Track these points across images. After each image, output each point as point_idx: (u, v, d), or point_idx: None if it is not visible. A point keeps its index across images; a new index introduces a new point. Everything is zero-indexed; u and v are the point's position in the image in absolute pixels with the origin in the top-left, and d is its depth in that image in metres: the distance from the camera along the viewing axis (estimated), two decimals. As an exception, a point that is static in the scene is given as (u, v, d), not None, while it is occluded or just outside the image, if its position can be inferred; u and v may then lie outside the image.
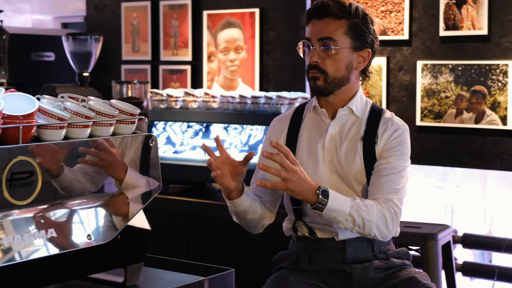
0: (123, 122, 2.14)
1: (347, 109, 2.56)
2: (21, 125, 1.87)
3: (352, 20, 2.51)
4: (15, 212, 1.87)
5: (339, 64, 2.50)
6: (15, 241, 1.86)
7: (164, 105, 3.83)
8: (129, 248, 2.16)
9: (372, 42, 2.56)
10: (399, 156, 2.50)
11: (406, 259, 2.57)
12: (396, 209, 2.43)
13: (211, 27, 5.22)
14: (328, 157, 2.53)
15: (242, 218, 2.53)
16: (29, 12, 6.66)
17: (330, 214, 2.36)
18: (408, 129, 2.59)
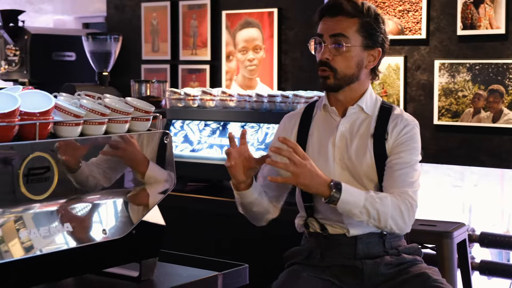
0: (138, 119, 2.17)
1: (357, 107, 2.58)
2: (37, 122, 1.91)
3: (364, 19, 2.53)
4: (31, 206, 1.92)
5: (349, 62, 2.53)
6: (31, 235, 1.90)
7: (182, 104, 3.87)
8: (144, 243, 2.20)
9: (383, 42, 2.58)
10: (410, 151, 2.52)
11: (417, 255, 2.59)
12: (411, 201, 2.45)
13: (229, 26, 5.25)
14: (338, 155, 2.55)
15: (248, 210, 2.57)
16: (51, 13, 6.73)
17: (344, 207, 2.38)
18: (418, 125, 2.61)
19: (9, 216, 1.88)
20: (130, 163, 2.17)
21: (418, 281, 2.43)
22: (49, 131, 1.97)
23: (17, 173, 1.87)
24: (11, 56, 5.62)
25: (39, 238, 1.91)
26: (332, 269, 2.51)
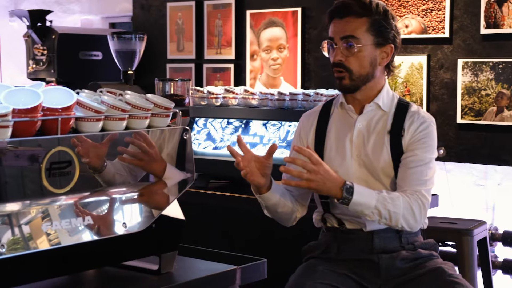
0: (158, 115, 2.22)
1: (374, 104, 2.61)
2: (59, 117, 1.96)
3: (373, 17, 2.55)
4: (53, 199, 1.97)
5: (362, 61, 2.55)
6: (53, 227, 1.95)
7: (205, 102, 3.91)
8: (164, 237, 2.24)
9: (394, 38, 2.60)
10: (425, 148, 2.53)
11: (433, 250, 2.61)
12: (423, 200, 2.47)
13: (254, 26, 5.29)
14: (356, 151, 2.58)
15: (273, 211, 2.60)
16: (78, 13, 6.82)
17: (356, 208, 2.42)
18: (435, 122, 2.62)
19: (32, 209, 1.94)
20: (147, 168, 2.22)
21: (434, 275, 2.46)
22: (70, 126, 2.02)
23: (39, 167, 1.92)
24: (38, 55, 5.70)
25: (60, 230, 1.96)
26: (349, 263, 2.54)
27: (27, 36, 5.81)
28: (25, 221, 1.92)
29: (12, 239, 1.88)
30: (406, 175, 2.50)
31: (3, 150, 1.86)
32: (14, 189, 1.91)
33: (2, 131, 1.86)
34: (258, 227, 3.62)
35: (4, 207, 1.88)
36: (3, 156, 1.86)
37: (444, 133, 4.50)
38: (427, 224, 2.65)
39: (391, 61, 2.62)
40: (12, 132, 1.88)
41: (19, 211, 1.90)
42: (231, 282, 2.31)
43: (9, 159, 1.88)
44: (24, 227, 1.91)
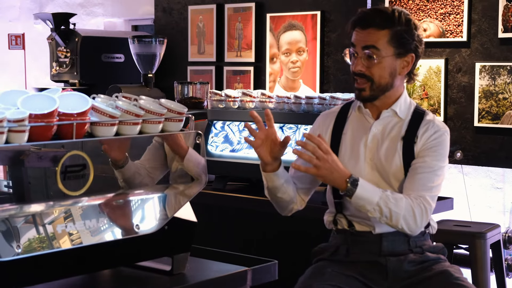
0: (171, 120, 2.27)
1: (391, 111, 2.64)
2: (75, 122, 2.03)
3: (395, 28, 2.57)
4: (68, 202, 2.03)
5: (383, 72, 2.58)
6: (68, 228, 2.02)
7: (223, 105, 3.97)
8: (176, 239, 2.30)
9: (416, 47, 2.61)
10: (436, 156, 2.57)
11: (441, 254, 2.64)
12: (426, 206, 2.51)
13: (273, 29, 5.34)
14: (369, 155, 2.63)
15: (273, 195, 2.64)
16: (101, 15, 6.91)
17: (358, 202, 2.48)
18: (449, 132, 2.65)
19: (47, 211, 2.00)
20: (174, 146, 2.31)
21: (440, 278, 2.49)
22: (85, 131, 2.08)
23: (55, 171, 1.99)
24: (62, 57, 5.79)
25: (75, 232, 2.03)
26: (357, 265, 2.59)
27: (50, 38, 5.91)
28: (41, 223, 1.99)
29: (28, 240, 1.94)
30: (413, 180, 2.54)
31: (21, 154, 1.92)
32: (30, 192, 1.98)
33: (19, 135, 1.92)
34: (275, 229, 3.67)
35: (21, 208, 1.95)
36: (21, 160, 1.93)
37: (461, 137, 4.52)
38: (436, 228, 2.69)
39: (412, 69, 2.65)
40: (28, 137, 1.94)
41: (35, 213, 1.97)
42: (242, 283, 2.36)
43: (26, 162, 1.95)
44: (40, 229, 1.98)
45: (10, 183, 2.04)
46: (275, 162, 2.57)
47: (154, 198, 2.25)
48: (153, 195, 2.26)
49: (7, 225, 1.90)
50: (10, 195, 2.04)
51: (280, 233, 3.60)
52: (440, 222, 3.82)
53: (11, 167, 2.03)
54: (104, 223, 2.11)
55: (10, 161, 2.00)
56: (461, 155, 4.51)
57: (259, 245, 3.77)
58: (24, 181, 2.02)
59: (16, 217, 1.93)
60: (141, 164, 2.38)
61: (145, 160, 2.30)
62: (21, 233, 1.92)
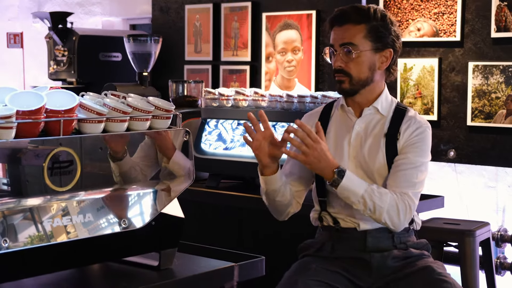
0: (159, 117, 2.30)
1: (372, 108, 2.68)
2: (62, 119, 2.06)
3: (371, 23, 2.62)
4: (55, 197, 2.06)
5: (361, 66, 2.62)
6: (55, 224, 2.05)
7: (216, 104, 3.99)
8: (163, 234, 2.33)
9: (394, 42, 2.66)
10: (418, 152, 2.60)
11: (425, 250, 2.68)
12: (410, 202, 2.55)
13: (269, 28, 5.37)
14: (353, 153, 2.66)
15: (271, 199, 2.67)
16: (99, 14, 6.94)
17: (343, 193, 2.52)
18: (430, 128, 2.69)
19: (34, 206, 2.03)
20: (161, 146, 2.33)
21: (423, 273, 2.53)
22: (73, 127, 2.11)
23: (42, 166, 2.02)
24: (59, 56, 5.83)
25: (63, 227, 2.06)
26: (342, 261, 2.62)
27: (48, 37, 5.95)
28: (28, 217, 2.02)
29: (15, 235, 1.97)
30: (396, 176, 2.58)
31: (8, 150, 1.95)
32: (17, 187, 2.01)
33: (6, 132, 1.96)
34: (267, 226, 3.70)
35: (8, 203, 1.98)
36: (8, 156, 1.96)
37: (455, 135, 4.55)
38: (420, 224, 2.72)
39: (391, 64, 2.69)
40: (16, 133, 1.98)
41: (22, 208, 2.00)
42: (229, 278, 2.39)
43: (13, 159, 1.98)
44: (27, 223, 2.02)
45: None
46: (274, 164, 2.60)
47: (141, 194, 2.28)
48: (140, 191, 2.29)
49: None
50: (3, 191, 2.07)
51: (273, 230, 3.63)
52: (431, 220, 3.85)
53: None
54: (91, 218, 2.14)
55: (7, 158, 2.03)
56: (454, 154, 4.54)
57: (252, 242, 3.81)
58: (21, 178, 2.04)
59: (2, 212, 1.96)
60: (135, 161, 2.41)
61: (138, 158, 2.34)
62: (8, 228, 1.96)
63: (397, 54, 2.68)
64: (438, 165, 4.77)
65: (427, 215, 4.00)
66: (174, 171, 2.36)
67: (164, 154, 2.35)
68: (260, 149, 2.56)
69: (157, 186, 2.32)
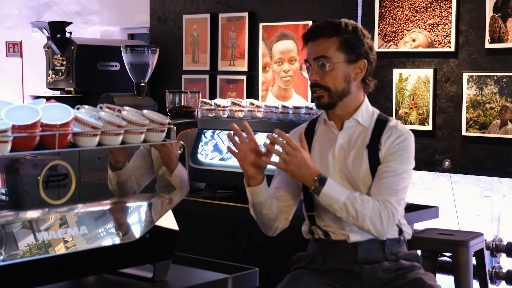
0: (153, 130, 2.33)
1: (353, 120, 2.72)
2: (57, 133, 2.09)
3: (342, 36, 2.67)
4: (50, 210, 2.09)
5: (336, 78, 2.67)
6: (49, 236, 2.08)
7: (213, 114, 4.03)
8: (157, 246, 2.36)
9: (367, 53, 2.71)
10: (400, 160, 2.64)
11: (416, 261, 2.71)
12: (393, 210, 2.58)
13: (266, 38, 5.41)
14: (338, 165, 2.70)
15: (258, 212, 2.70)
16: (98, 24, 6.98)
17: (325, 200, 2.56)
18: (413, 136, 2.72)
19: (30, 220, 2.06)
20: (166, 159, 2.37)
21: (414, 285, 2.56)
22: (68, 141, 2.14)
23: (37, 180, 2.05)
24: (58, 66, 5.86)
25: (57, 239, 2.09)
26: (333, 274, 2.65)
27: (47, 47, 5.98)
28: (24, 230, 2.05)
29: (10, 248, 2.00)
30: (378, 185, 2.61)
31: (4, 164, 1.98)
32: (13, 200, 2.04)
33: (2, 146, 1.98)
34: (262, 237, 3.72)
35: (3, 216, 2.01)
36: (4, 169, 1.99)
37: (450, 146, 4.58)
38: (410, 234, 2.75)
39: (367, 75, 2.73)
40: (12, 147, 2.01)
41: (17, 221, 2.03)
42: (223, 290, 2.42)
43: (9, 172, 2.01)
44: (22, 236, 2.04)
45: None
46: (259, 175, 2.64)
47: (136, 206, 2.31)
48: (135, 203, 2.32)
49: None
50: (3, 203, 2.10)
51: (268, 241, 3.65)
52: (425, 230, 3.88)
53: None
54: (86, 231, 2.16)
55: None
56: (450, 164, 4.57)
57: (246, 253, 3.83)
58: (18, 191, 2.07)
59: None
60: (131, 170, 2.44)
61: (133, 167, 2.36)
62: (3, 240, 1.98)
63: (372, 66, 2.73)
64: (433, 175, 4.81)
65: (422, 226, 4.03)
66: (175, 183, 2.39)
67: (167, 167, 2.39)
68: (245, 159, 2.60)
69: (152, 199, 2.35)
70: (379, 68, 4.82)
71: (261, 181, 2.64)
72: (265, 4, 5.44)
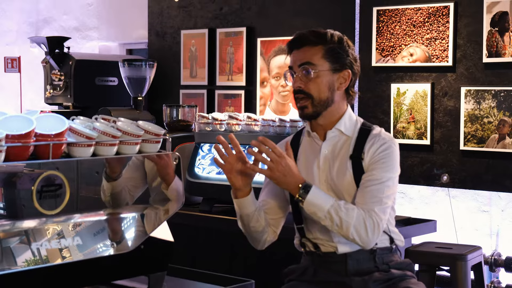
0: (148, 141, 2.32)
1: (336, 130, 2.71)
2: (51, 143, 2.08)
3: (328, 45, 2.65)
4: (44, 220, 2.08)
5: (320, 86, 2.65)
6: (43, 247, 2.06)
7: (210, 128, 4.02)
8: (152, 258, 2.35)
9: (352, 64, 2.70)
10: (384, 168, 2.62)
11: (408, 270, 2.69)
12: (377, 219, 2.56)
13: (264, 53, 5.41)
14: (323, 176, 2.69)
15: (246, 225, 2.69)
16: (96, 39, 6.99)
17: (309, 208, 2.54)
18: (396, 143, 2.70)
19: (24, 230, 2.05)
20: (163, 173, 2.37)
21: None
22: (62, 151, 2.13)
23: (31, 190, 2.04)
24: (56, 80, 5.86)
25: (50, 250, 2.07)
26: (324, 285, 2.64)
27: (45, 62, 5.98)
28: (17, 241, 2.03)
29: (4, 258, 1.99)
30: (362, 193, 2.60)
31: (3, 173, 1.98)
32: (12, 209, 2.03)
33: (-4, 155, 1.98)
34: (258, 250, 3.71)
35: (2, 226, 2.00)
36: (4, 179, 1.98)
37: (448, 160, 4.58)
38: (403, 241, 2.73)
39: (350, 86, 2.72)
40: (5, 157, 2.00)
41: (9, 232, 2.02)
42: (218, 302, 2.41)
43: (8, 181, 2.00)
44: (16, 247, 2.03)
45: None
46: (245, 187, 2.62)
47: (130, 217, 2.30)
48: (130, 214, 2.31)
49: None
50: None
51: (264, 254, 3.64)
52: (423, 244, 3.86)
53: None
54: (81, 241, 2.15)
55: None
56: (448, 178, 4.56)
57: (243, 265, 3.81)
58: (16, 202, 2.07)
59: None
60: (124, 183, 2.43)
61: (126, 178, 2.35)
62: None
63: (356, 77, 2.72)
64: (431, 190, 4.80)
65: (420, 239, 4.02)
66: (171, 196, 2.38)
67: (164, 180, 2.38)
68: (232, 172, 2.59)
69: (147, 210, 2.34)
70: (377, 83, 4.82)
71: (247, 192, 2.63)
72: (263, 19, 5.45)
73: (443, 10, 4.58)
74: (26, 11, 7.56)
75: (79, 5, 7.12)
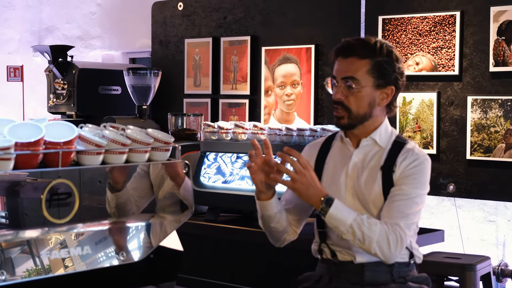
0: (158, 149, 2.30)
1: (370, 140, 2.67)
2: (60, 151, 2.06)
3: (375, 59, 2.60)
4: (53, 229, 2.05)
5: (361, 101, 2.61)
6: (52, 256, 2.03)
7: (216, 137, 4.00)
8: (162, 267, 2.32)
9: (397, 80, 2.64)
10: (414, 184, 2.59)
11: (425, 284, 2.66)
12: (401, 233, 2.53)
13: (268, 62, 5.39)
14: (350, 183, 2.66)
15: (267, 225, 2.67)
16: (99, 48, 6.97)
17: (331, 222, 2.51)
18: (429, 160, 2.67)
19: (32, 239, 2.02)
20: (173, 173, 2.35)
21: None
22: (72, 159, 2.11)
23: (40, 198, 2.01)
24: (59, 89, 5.84)
25: (59, 259, 2.05)
26: (339, 294, 2.61)
27: (48, 70, 5.96)
28: (25, 250, 2.00)
29: (13, 267, 1.96)
30: (389, 207, 2.57)
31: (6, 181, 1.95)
32: (15, 218, 2.00)
33: (5, 163, 1.95)
34: (266, 260, 3.69)
35: (6, 235, 1.97)
36: (6, 188, 1.96)
37: (454, 169, 4.55)
38: (421, 258, 2.70)
39: (392, 101, 2.67)
40: (14, 165, 1.97)
41: (19, 241, 1.99)
42: (227, 312, 2.38)
43: (11, 190, 1.98)
44: (24, 256, 2.00)
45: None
46: (269, 191, 2.60)
47: (139, 226, 2.27)
48: (139, 223, 2.28)
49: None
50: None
51: (271, 264, 3.61)
52: (431, 254, 3.83)
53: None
54: (89, 251, 2.12)
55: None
56: (454, 188, 4.53)
57: (249, 275, 3.78)
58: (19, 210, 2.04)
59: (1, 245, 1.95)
60: (130, 193, 2.41)
61: (131, 189, 2.33)
62: (5, 260, 1.94)
63: (399, 91, 2.67)
64: (437, 199, 4.76)
65: (427, 249, 3.99)
66: (184, 198, 2.36)
67: (175, 181, 2.37)
68: (257, 173, 2.56)
69: (156, 219, 2.32)
70: (383, 92, 4.79)
71: (271, 196, 2.61)
72: (268, 28, 5.43)
73: (449, 19, 4.56)
74: (29, 20, 7.55)
75: (82, 14, 7.11)
